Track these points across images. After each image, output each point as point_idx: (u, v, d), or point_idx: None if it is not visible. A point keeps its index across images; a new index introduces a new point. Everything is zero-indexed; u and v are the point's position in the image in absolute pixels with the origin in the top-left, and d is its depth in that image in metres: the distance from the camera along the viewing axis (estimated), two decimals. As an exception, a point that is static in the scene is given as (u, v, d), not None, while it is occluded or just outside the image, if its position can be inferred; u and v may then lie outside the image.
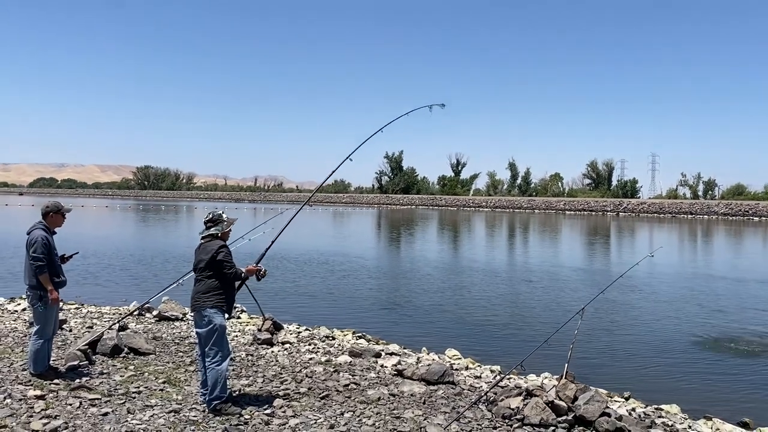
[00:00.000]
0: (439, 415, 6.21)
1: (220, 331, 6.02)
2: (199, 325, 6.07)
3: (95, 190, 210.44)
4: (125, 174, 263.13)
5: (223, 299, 6.11)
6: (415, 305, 15.22)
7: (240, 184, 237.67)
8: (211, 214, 6.39)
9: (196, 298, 6.10)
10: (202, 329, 6.04)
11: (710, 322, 13.71)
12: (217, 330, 6.00)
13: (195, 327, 6.22)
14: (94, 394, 6.22)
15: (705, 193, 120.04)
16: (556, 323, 13.15)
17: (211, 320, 5.99)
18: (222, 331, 6.04)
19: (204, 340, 6.06)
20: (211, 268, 6.06)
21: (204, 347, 6.07)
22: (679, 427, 6.62)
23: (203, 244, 6.28)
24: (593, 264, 26.76)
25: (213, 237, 6.27)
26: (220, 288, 6.09)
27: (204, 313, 6.00)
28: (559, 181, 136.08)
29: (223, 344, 6.06)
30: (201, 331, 6.06)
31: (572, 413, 6.06)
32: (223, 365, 6.00)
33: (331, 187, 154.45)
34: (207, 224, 6.34)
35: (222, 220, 6.35)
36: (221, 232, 6.32)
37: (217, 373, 5.94)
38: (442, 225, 57.64)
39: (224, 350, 6.06)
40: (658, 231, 54.01)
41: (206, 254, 6.10)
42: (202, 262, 6.12)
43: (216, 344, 6.00)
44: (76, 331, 9.73)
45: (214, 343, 6.00)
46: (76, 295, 14.55)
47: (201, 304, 6.02)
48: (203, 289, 6.07)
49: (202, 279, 6.12)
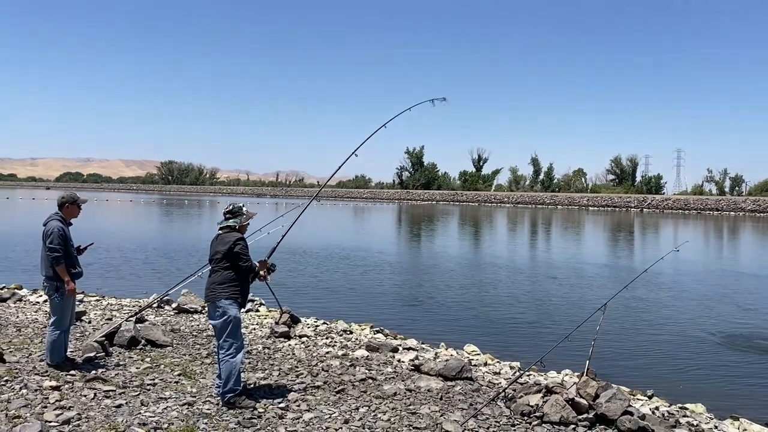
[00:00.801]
0: (456, 412, 6.09)
1: (235, 323, 5.96)
2: (213, 317, 6.02)
3: (120, 185, 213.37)
4: (149, 169, 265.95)
5: (238, 291, 6.05)
6: (434, 300, 15.09)
7: (262, 179, 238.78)
8: (231, 205, 6.35)
9: (210, 288, 6.05)
10: (216, 320, 5.99)
11: (737, 320, 13.40)
12: (232, 321, 5.94)
13: (209, 318, 6.17)
14: (108, 386, 6.19)
15: (731, 189, 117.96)
16: (577, 319, 12.95)
17: (226, 311, 5.93)
18: (237, 323, 5.98)
19: (218, 331, 6.01)
20: (228, 260, 6.01)
21: (218, 339, 6.02)
22: (705, 427, 6.43)
23: (220, 235, 6.23)
24: (616, 260, 26.36)
25: (231, 229, 6.22)
26: (236, 280, 6.03)
27: (219, 305, 5.94)
28: (583, 176, 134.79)
29: (238, 336, 6.00)
30: (215, 322, 6.00)
31: (593, 411, 5.90)
32: (237, 358, 5.94)
33: (351, 183, 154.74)
34: (226, 215, 6.31)
35: (241, 213, 6.31)
36: (239, 224, 6.27)
37: (231, 366, 5.88)
38: (463, 221, 57.33)
39: (238, 342, 6.00)
40: (682, 227, 53.14)
41: (223, 245, 6.05)
42: (218, 253, 6.06)
43: (230, 336, 5.94)
44: (95, 323, 9.76)
45: (228, 334, 5.94)
46: (97, 287, 14.67)
47: (215, 295, 5.97)
48: (218, 280, 6.01)
49: (218, 270, 6.06)
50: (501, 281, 18.49)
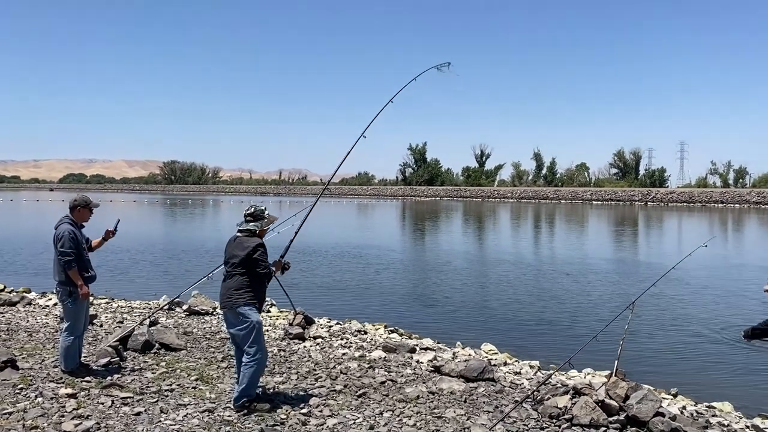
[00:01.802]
0: (482, 415, 5.94)
1: (258, 328, 5.81)
2: (234, 324, 5.84)
3: (123, 185, 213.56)
4: (152, 169, 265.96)
5: (256, 297, 5.90)
6: (446, 298, 14.93)
7: (265, 177, 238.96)
8: (253, 207, 6.13)
9: (227, 295, 5.85)
10: (238, 328, 5.80)
11: (759, 316, 13.17)
12: (255, 327, 5.78)
13: (228, 327, 5.96)
14: (126, 392, 6.06)
15: (736, 181, 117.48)
16: (593, 316, 12.83)
17: (248, 317, 5.77)
18: (260, 328, 5.83)
19: (242, 339, 5.82)
20: (245, 266, 5.82)
21: (242, 345, 5.84)
22: (736, 427, 6.26)
23: (239, 238, 6.02)
24: (627, 255, 26.18)
25: (251, 233, 6.02)
26: (253, 285, 5.86)
27: (239, 311, 5.77)
28: (586, 170, 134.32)
29: (262, 341, 5.85)
30: (237, 330, 5.82)
31: (624, 413, 5.74)
32: (262, 363, 5.82)
33: (354, 180, 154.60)
34: (247, 218, 6.10)
35: (263, 217, 6.10)
36: (260, 229, 6.08)
37: (256, 371, 5.75)
38: (468, 217, 57.14)
39: (263, 347, 5.86)
40: (690, 220, 52.90)
41: (242, 250, 5.85)
42: (236, 257, 5.87)
43: (255, 342, 5.78)
44: (106, 326, 9.63)
45: (253, 341, 5.77)
46: (106, 290, 14.54)
47: (234, 302, 5.79)
48: (235, 286, 5.82)
49: (235, 275, 5.87)
50: (512, 277, 18.32)
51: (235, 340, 5.93)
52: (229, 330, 5.96)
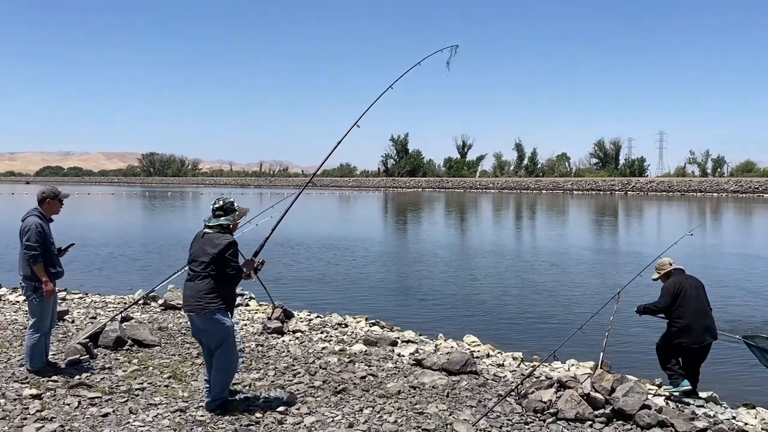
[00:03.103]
0: (465, 410, 5.76)
1: (232, 331, 5.47)
2: (204, 330, 5.42)
3: (101, 178, 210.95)
4: (131, 161, 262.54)
5: (228, 300, 5.46)
6: (427, 289, 14.78)
7: (245, 169, 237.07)
8: (221, 200, 5.58)
9: (197, 297, 5.32)
10: (210, 333, 5.41)
11: (741, 305, 13.18)
12: (228, 331, 5.41)
13: (195, 331, 5.55)
14: (94, 392, 5.79)
15: (714, 170, 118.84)
16: (577, 307, 12.74)
17: (222, 322, 5.35)
18: (232, 331, 5.49)
19: (215, 344, 5.43)
20: (215, 265, 5.32)
21: (215, 349, 5.46)
22: (722, 418, 6.16)
23: (208, 234, 5.48)
24: (611, 245, 26.25)
25: (222, 228, 5.49)
26: (224, 287, 5.39)
27: (211, 318, 5.32)
28: (566, 161, 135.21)
29: (234, 343, 5.54)
30: (209, 335, 5.43)
31: (610, 406, 5.61)
32: (235, 365, 5.57)
33: (336, 171, 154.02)
34: (216, 212, 5.53)
35: (234, 210, 5.57)
36: (233, 223, 5.57)
37: (229, 375, 5.50)
38: (450, 207, 57.12)
39: (236, 350, 5.58)
40: (670, 209, 53.35)
41: (213, 248, 5.33)
42: (205, 255, 5.34)
43: (229, 345, 5.44)
44: (78, 323, 9.31)
45: (227, 345, 5.42)
46: (80, 284, 14.18)
47: (204, 306, 5.30)
48: (205, 289, 5.31)
49: (204, 275, 5.33)
50: (493, 268, 18.23)
51: (203, 343, 5.59)
52: (198, 336, 5.56)
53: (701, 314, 6.87)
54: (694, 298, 6.88)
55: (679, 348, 6.90)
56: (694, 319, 6.80)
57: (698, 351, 6.85)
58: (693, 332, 6.78)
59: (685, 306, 6.83)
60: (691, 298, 6.86)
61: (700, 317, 6.84)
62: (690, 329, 6.78)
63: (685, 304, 6.83)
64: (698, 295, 6.96)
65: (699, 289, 7.04)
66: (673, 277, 7.12)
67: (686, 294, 6.86)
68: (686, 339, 6.79)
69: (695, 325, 6.79)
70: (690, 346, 6.80)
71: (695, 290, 6.97)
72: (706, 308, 6.97)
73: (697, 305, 6.88)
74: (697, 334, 6.78)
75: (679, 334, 6.83)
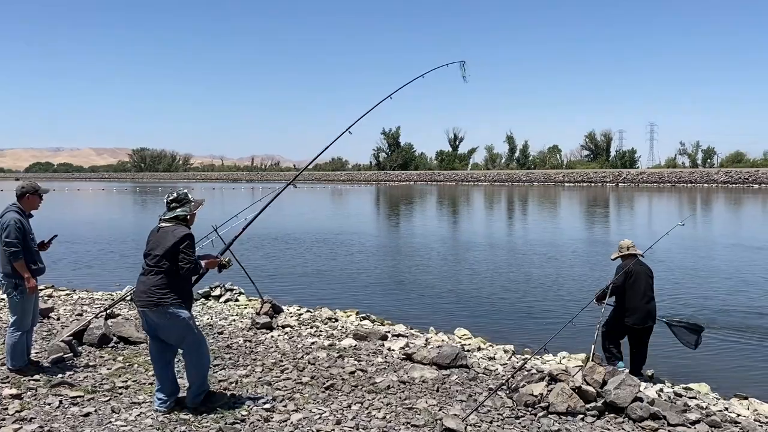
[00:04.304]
0: (455, 405, 5.67)
1: (192, 322, 5.25)
2: (160, 325, 5.18)
3: (92, 174, 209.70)
4: (121, 157, 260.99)
5: (183, 295, 5.22)
6: (418, 283, 14.70)
7: (237, 164, 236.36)
8: (175, 192, 5.41)
9: (149, 293, 5.10)
10: (167, 329, 5.18)
11: (730, 296, 13.15)
12: (187, 323, 5.18)
13: (149, 328, 5.25)
14: (76, 391, 5.66)
15: (704, 161, 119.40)
16: (568, 299, 12.67)
17: (177, 315, 5.13)
18: (192, 322, 5.26)
19: (176, 339, 5.23)
20: (171, 259, 5.10)
21: (179, 344, 5.29)
22: (715, 409, 6.10)
23: (164, 228, 5.25)
24: (603, 236, 26.23)
25: (178, 221, 5.29)
26: (179, 282, 5.16)
27: (165, 312, 5.09)
28: (558, 153, 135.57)
29: (198, 332, 5.33)
30: (167, 331, 5.20)
31: (601, 399, 5.52)
32: (206, 354, 5.36)
33: (328, 165, 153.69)
34: (171, 204, 5.35)
35: (188, 200, 5.37)
36: (189, 213, 5.35)
37: (203, 365, 5.32)
38: (442, 200, 57.05)
39: (202, 338, 5.37)
40: (661, 200, 53.46)
41: (168, 241, 5.11)
42: (159, 248, 5.14)
43: (192, 336, 5.23)
44: (64, 320, 9.17)
45: (190, 337, 5.21)
46: (67, 281, 14.03)
47: (157, 301, 5.08)
48: (159, 284, 5.09)
49: (158, 270, 5.12)
50: (485, 261, 18.16)
51: (157, 340, 5.32)
52: (152, 332, 5.29)
53: (646, 299, 7.58)
54: (643, 283, 7.58)
55: (623, 328, 7.61)
56: (639, 302, 7.52)
57: (641, 332, 7.59)
58: (637, 313, 7.53)
59: (633, 289, 7.52)
60: (640, 282, 7.55)
61: (644, 301, 7.56)
62: (635, 310, 7.52)
63: (634, 287, 7.52)
64: (647, 282, 7.65)
65: (648, 277, 7.72)
66: (629, 260, 7.73)
67: (637, 277, 7.55)
68: (630, 319, 7.52)
69: (640, 307, 7.53)
70: (632, 326, 7.55)
71: (645, 276, 7.65)
72: (651, 294, 7.66)
73: (645, 290, 7.59)
74: (641, 315, 7.52)
75: (626, 314, 7.54)
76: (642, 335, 7.65)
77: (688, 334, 7.94)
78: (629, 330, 7.64)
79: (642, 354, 7.74)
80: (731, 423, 5.65)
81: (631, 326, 7.55)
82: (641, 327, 7.57)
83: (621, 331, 7.74)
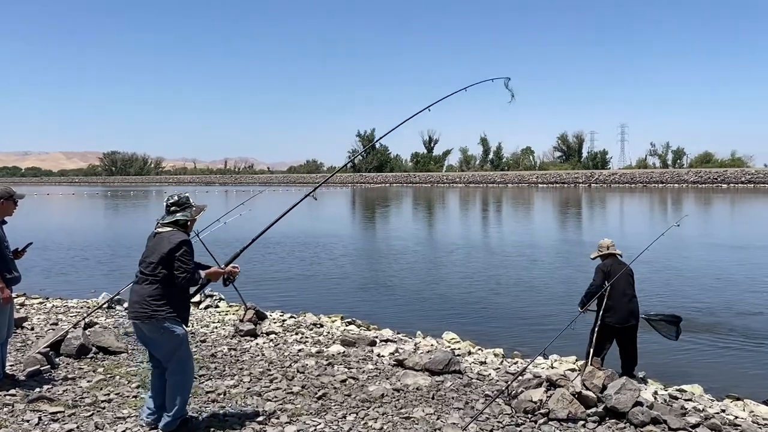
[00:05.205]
0: (453, 413, 5.51)
1: (185, 340, 4.90)
2: (152, 339, 4.85)
3: (61, 178, 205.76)
4: (92, 160, 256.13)
5: (179, 307, 4.85)
6: (402, 286, 14.54)
7: (210, 167, 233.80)
8: (176, 196, 5.08)
9: (143, 303, 4.74)
10: (158, 344, 4.85)
11: (716, 297, 13.19)
12: (181, 341, 4.84)
13: (144, 342, 4.97)
14: (56, 406, 5.38)
15: (674, 162, 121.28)
16: (553, 300, 12.62)
17: (172, 331, 4.78)
18: (186, 340, 4.94)
19: (164, 355, 4.86)
20: (167, 267, 4.75)
21: (165, 362, 4.89)
22: (712, 412, 6.04)
23: (161, 233, 4.92)
24: (576, 236, 26.39)
25: (177, 226, 4.97)
26: (175, 292, 4.80)
27: (159, 326, 4.75)
28: (531, 154, 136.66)
29: (188, 354, 4.99)
30: (156, 347, 4.88)
31: (602, 404, 5.43)
32: (191, 378, 5.01)
33: (303, 168, 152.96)
34: (170, 208, 5.00)
35: (190, 205, 5.05)
36: (190, 219, 5.05)
37: (186, 389, 4.92)
38: (418, 202, 57.03)
39: (190, 362, 5.00)
40: (634, 201, 54.11)
41: (163, 247, 4.79)
42: (154, 255, 4.81)
43: (182, 357, 4.88)
44: (38, 329, 8.81)
45: (179, 356, 4.86)
46: (40, 288, 13.58)
47: (151, 314, 4.72)
48: (154, 294, 4.74)
49: (153, 279, 4.77)
50: (467, 263, 18.08)
51: (152, 354, 5.03)
52: (144, 344, 5.03)
53: (627, 297, 7.53)
54: (623, 282, 7.50)
55: (606, 328, 7.47)
56: (620, 300, 7.46)
57: (624, 330, 7.52)
58: (618, 312, 7.45)
59: (613, 287, 7.41)
60: (620, 281, 7.46)
61: (625, 300, 7.50)
62: (616, 309, 7.44)
63: (614, 285, 7.41)
64: (627, 281, 7.60)
65: (629, 276, 7.68)
66: (609, 259, 7.74)
67: (618, 276, 7.44)
68: (612, 318, 7.44)
69: (621, 306, 7.46)
70: (614, 325, 7.46)
71: (625, 275, 7.58)
72: (632, 293, 7.61)
73: (625, 289, 7.52)
74: (622, 314, 7.45)
75: (606, 313, 7.43)
76: (626, 334, 7.58)
77: (668, 327, 7.96)
78: (613, 330, 7.54)
79: (631, 355, 7.67)
80: (731, 426, 5.60)
81: (613, 325, 7.47)
82: (624, 326, 7.50)
83: (609, 334, 7.56)
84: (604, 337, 7.51)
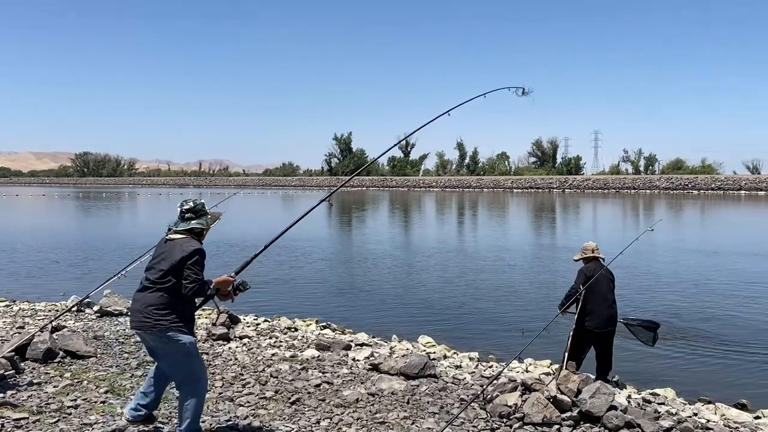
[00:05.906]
0: (428, 417, 5.47)
1: (192, 349, 4.58)
2: (157, 349, 4.62)
3: (31, 179, 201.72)
4: (63, 161, 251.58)
5: (185, 317, 4.57)
6: (377, 290, 14.49)
7: (184, 169, 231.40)
8: (192, 201, 4.77)
9: (147, 313, 4.47)
10: (163, 355, 4.61)
11: (691, 301, 13.36)
12: (188, 349, 4.54)
13: (151, 353, 4.75)
14: (20, 413, 5.22)
15: (646, 168, 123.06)
16: (527, 304, 12.68)
17: (175, 340, 4.49)
18: (194, 350, 4.62)
19: (172, 368, 4.61)
20: (176, 276, 4.48)
21: (173, 376, 4.68)
22: (684, 415, 6.08)
23: (174, 240, 4.63)
24: (548, 240, 26.58)
25: (192, 234, 4.68)
26: (182, 302, 4.53)
27: (163, 336, 4.48)
28: (506, 160, 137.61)
29: (198, 363, 4.67)
30: (162, 358, 4.64)
31: (577, 408, 5.42)
32: (204, 389, 4.69)
33: (279, 170, 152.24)
34: (185, 214, 4.70)
35: (206, 212, 4.75)
36: (206, 227, 4.77)
37: (199, 403, 4.60)
38: (394, 206, 57.08)
39: (201, 371, 4.67)
40: (607, 206, 54.79)
41: (175, 255, 4.50)
42: (164, 262, 4.52)
43: (191, 367, 4.58)
44: (3, 333, 8.57)
45: (188, 367, 4.56)
46: (6, 291, 13.27)
47: (154, 323, 4.46)
48: (158, 303, 4.47)
49: (160, 288, 4.50)
50: (443, 267, 18.09)
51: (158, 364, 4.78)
52: (153, 356, 4.78)
53: (608, 302, 7.48)
54: (604, 286, 7.48)
55: (585, 332, 7.39)
56: (600, 305, 7.40)
57: (602, 335, 7.45)
58: (599, 317, 7.40)
59: (594, 291, 7.38)
60: (601, 285, 7.44)
61: (606, 305, 7.46)
62: (595, 314, 7.38)
63: (595, 290, 7.38)
64: (608, 286, 7.57)
65: (609, 280, 7.65)
66: (591, 263, 7.68)
67: (598, 281, 7.40)
68: (591, 323, 7.38)
69: (601, 311, 7.41)
70: (593, 329, 7.40)
71: (606, 280, 7.56)
72: (612, 298, 7.57)
73: (606, 294, 7.49)
74: (601, 319, 7.40)
75: (586, 317, 7.38)
76: (605, 339, 7.53)
77: (646, 332, 7.95)
78: (591, 334, 7.45)
79: (607, 359, 7.64)
80: (703, 429, 5.64)
81: (592, 330, 7.41)
82: (603, 331, 7.45)
83: (587, 338, 7.48)
84: (583, 341, 7.45)
